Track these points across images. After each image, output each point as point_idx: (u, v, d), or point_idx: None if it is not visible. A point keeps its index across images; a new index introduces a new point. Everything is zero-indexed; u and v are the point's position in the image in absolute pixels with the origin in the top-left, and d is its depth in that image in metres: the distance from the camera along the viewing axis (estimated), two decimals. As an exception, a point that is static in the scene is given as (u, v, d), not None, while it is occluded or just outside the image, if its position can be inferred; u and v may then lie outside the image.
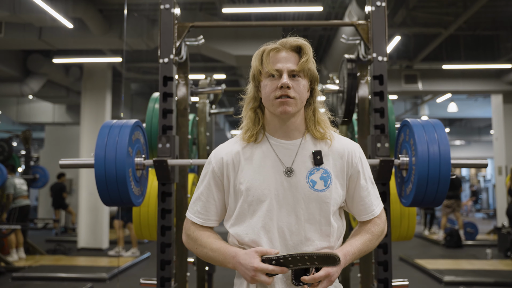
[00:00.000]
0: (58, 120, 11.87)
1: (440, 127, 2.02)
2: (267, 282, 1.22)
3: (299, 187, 1.32)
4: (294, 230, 1.31)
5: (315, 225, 1.32)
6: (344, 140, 1.42)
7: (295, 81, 1.32)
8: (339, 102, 3.06)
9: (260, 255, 1.24)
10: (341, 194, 1.36)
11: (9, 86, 8.72)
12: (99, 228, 8.26)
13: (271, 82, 1.33)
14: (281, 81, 1.30)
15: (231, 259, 1.28)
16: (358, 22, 2.38)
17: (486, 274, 6.12)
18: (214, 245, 1.35)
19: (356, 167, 1.39)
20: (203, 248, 1.37)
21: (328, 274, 1.21)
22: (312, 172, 1.33)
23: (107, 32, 6.81)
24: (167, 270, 2.26)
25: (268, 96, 1.33)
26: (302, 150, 1.36)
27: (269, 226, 1.31)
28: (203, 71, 9.51)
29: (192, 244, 1.42)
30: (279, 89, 1.30)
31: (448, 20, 6.94)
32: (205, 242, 1.37)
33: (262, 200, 1.32)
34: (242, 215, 1.35)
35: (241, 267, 1.25)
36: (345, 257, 1.28)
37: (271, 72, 1.32)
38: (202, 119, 3.60)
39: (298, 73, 1.32)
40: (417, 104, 13.33)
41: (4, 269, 6.22)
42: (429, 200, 2.01)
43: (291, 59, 1.33)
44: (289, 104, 1.31)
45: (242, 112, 1.44)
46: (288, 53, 1.33)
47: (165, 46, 2.33)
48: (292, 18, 7.30)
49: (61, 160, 2.15)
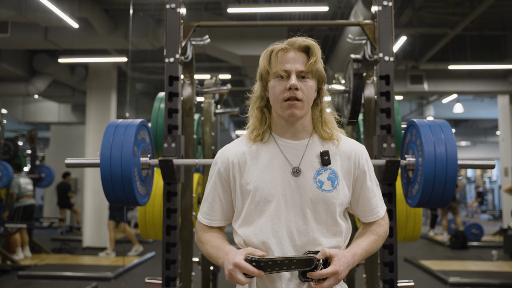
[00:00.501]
0: (63, 119, 11.93)
1: (447, 127, 2.01)
2: (241, 282, 1.20)
3: (306, 187, 1.32)
4: (302, 230, 1.31)
5: (322, 225, 1.32)
6: (350, 141, 1.42)
7: (303, 82, 1.31)
8: (345, 102, 3.05)
9: (246, 254, 1.23)
10: (347, 195, 1.36)
11: (15, 86, 8.77)
12: (104, 227, 8.27)
13: (279, 83, 1.32)
14: (289, 82, 1.29)
15: (223, 254, 1.28)
16: (365, 22, 2.36)
17: (491, 276, 6.08)
18: (214, 242, 1.36)
19: (363, 168, 1.39)
20: (205, 245, 1.39)
21: (336, 271, 1.21)
22: (320, 172, 1.33)
23: (112, 32, 6.83)
24: (172, 269, 2.26)
25: (277, 97, 1.32)
26: (309, 150, 1.35)
27: (277, 227, 1.31)
28: (208, 71, 9.51)
29: (199, 244, 1.44)
30: (287, 90, 1.30)
31: (455, 20, 6.90)
32: (207, 240, 1.39)
33: (270, 200, 1.31)
34: (250, 216, 1.34)
35: (225, 261, 1.24)
36: (353, 258, 1.28)
37: (279, 73, 1.31)
38: (207, 119, 3.60)
39: (307, 74, 1.32)
40: (422, 104, 13.27)
41: (10, 268, 6.26)
42: (436, 201, 1.99)
43: (300, 60, 1.32)
44: (297, 107, 1.30)
45: (249, 111, 1.44)
46: (297, 53, 1.33)
47: (171, 46, 2.33)
48: (297, 18, 7.29)
49: (67, 159, 2.16)
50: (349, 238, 1.42)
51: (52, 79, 8.93)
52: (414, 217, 2.64)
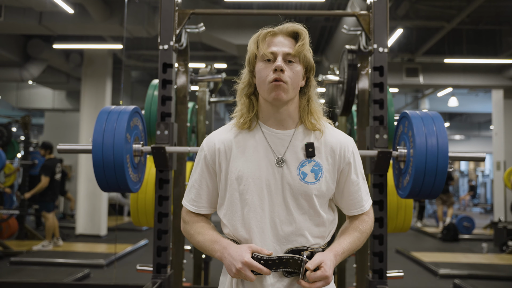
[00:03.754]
0: (58, 106, 11.85)
1: (439, 119, 2.02)
2: (251, 279, 1.22)
3: (290, 178, 1.31)
4: (285, 220, 1.31)
5: (304, 216, 1.32)
6: (337, 133, 1.40)
7: (290, 66, 1.31)
8: (339, 93, 3.06)
9: (252, 251, 1.24)
10: (331, 188, 1.35)
11: (9, 71, 8.68)
12: (97, 214, 8.28)
13: (265, 65, 1.31)
14: (275, 64, 1.29)
15: (221, 248, 1.28)
16: (360, 13, 2.36)
17: (481, 268, 6.16)
18: (207, 234, 1.36)
19: (348, 161, 1.37)
20: (197, 235, 1.38)
21: (325, 276, 1.22)
22: (304, 164, 1.32)
23: (108, 18, 6.77)
24: (163, 256, 2.28)
25: (263, 80, 1.31)
26: (294, 140, 1.35)
27: (260, 216, 1.31)
28: (204, 60, 9.47)
29: (187, 231, 1.43)
30: (273, 72, 1.29)
31: (451, 14, 6.90)
32: (198, 231, 1.38)
33: (254, 189, 1.31)
34: (234, 204, 1.34)
35: (229, 257, 1.25)
36: (335, 258, 1.29)
37: (266, 56, 1.31)
38: (201, 107, 3.60)
39: (293, 57, 1.31)
40: (417, 97, 13.31)
41: (2, 254, 6.25)
42: (426, 192, 2.01)
43: (287, 44, 1.32)
44: (283, 88, 1.29)
45: (236, 97, 1.43)
46: (285, 38, 1.33)
47: (165, 33, 2.32)
48: (294, 7, 7.26)
49: (59, 145, 2.15)
50: (334, 229, 1.42)
51: (47, 65, 8.85)
52: (404, 208, 2.66)
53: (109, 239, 8.14)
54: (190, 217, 1.44)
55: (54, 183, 7.07)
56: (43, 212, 7.04)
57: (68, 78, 10.19)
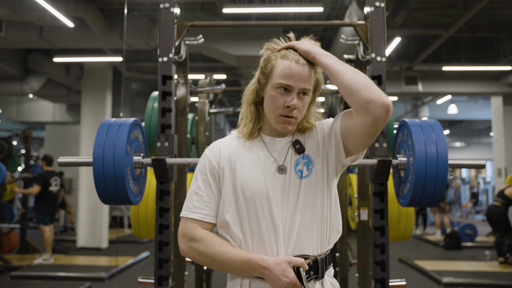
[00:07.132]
0: (58, 119, 11.88)
1: (438, 127, 2.03)
2: None
3: (291, 180, 1.34)
4: (291, 226, 1.31)
5: (308, 211, 1.33)
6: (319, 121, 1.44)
7: (302, 100, 1.33)
8: (338, 102, 3.07)
9: (292, 266, 1.24)
10: (325, 171, 1.37)
11: (10, 85, 8.73)
12: (98, 227, 8.26)
13: (280, 95, 1.32)
14: (289, 101, 1.30)
15: (259, 268, 1.25)
16: (357, 23, 2.38)
17: (485, 276, 6.12)
18: (231, 252, 1.29)
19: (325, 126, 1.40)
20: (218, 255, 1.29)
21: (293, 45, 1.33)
22: (298, 162, 1.36)
23: (107, 31, 6.82)
24: (164, 268, 2.27)
25: (274, 109, 1.34)
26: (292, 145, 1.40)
27: (267, 222, 1.31)
28: (203, 71, 9.51)
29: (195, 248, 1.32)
30: (285, 107, 1.31)
31: (449, 22, 6.94)
32: (218, 250, 1.29)
33: (259, 196, 1.32)
34: (240, 211, 1.33)
35: (273, 277, 1.23)
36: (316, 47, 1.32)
37: (282, 86, 1.31)
38: (201, 119, 3.61)
39: (308, 90, 1.34)
40: (417, 105, 13.33)
41: (3, 268, 6.22)
42: (427, 200, 2.01)
43: (305, 76, 1.31)
44: (291, 123, 1.34)
45: (242, 99, 1.44)
46: (304, 67, 1.32)
47: (165, 45, 2.34)
48: (292, 18, 7.31)
49: (60, 158, 2.16)
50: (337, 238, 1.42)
51: (47, 79, 8.90)
52: (406, 216, 2.66)
53: (110, 252, 8.11)
54: (194, 228, 1.34)
55: (49, 195, 7.03)
56: (40, 225, 7.02)
57: (68, 91, 10.23)
